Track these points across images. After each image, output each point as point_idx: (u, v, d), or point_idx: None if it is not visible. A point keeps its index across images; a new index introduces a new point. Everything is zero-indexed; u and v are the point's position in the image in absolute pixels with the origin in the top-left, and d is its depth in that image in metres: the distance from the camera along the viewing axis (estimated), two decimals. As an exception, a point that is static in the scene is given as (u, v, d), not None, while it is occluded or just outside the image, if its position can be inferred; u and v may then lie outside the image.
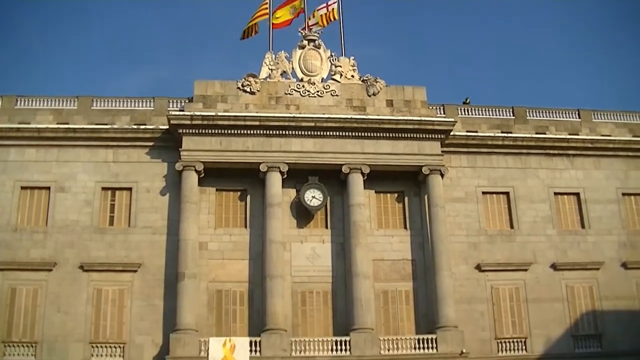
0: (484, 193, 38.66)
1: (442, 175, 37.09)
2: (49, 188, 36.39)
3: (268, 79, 38.20)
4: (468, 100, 41.76)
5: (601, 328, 36.90)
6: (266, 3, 40.26)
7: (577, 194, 39.50)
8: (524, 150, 39.48)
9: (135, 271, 35.06)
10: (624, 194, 39.97)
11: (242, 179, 36.74)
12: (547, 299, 36.97)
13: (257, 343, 33.08)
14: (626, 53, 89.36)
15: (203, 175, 36.03)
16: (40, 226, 35.77)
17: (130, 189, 36.63)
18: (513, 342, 36.09)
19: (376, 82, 38.41)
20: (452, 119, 38.02)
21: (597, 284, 37.63)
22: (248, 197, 36.89)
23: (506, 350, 35.93)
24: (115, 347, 34.01)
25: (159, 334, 34.18)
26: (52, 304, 34.25)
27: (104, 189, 36.62)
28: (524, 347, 36.11)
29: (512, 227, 38.34)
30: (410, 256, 36.76)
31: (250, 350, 32.81)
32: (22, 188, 36.31)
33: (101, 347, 33.93)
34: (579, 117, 41.29)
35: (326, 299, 35.61)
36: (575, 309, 37.09)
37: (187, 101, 37.63)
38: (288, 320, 34.60)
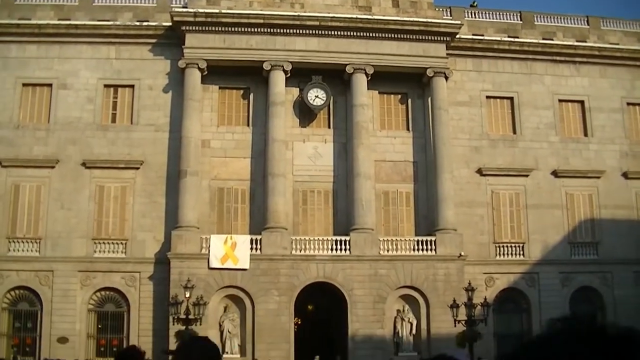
0: (487, 97, 38.23)
1: (447, 78, 36.57)
2: (50, 85, 36.04)
3: (273, -24, 37.34)
4: (475, 3, 40.89)
5: (598, 236, 37.19)
6: None
7: (582, 102, 39.10)
8: (530, 56, 38.82)
9: (138, 168, 35.09)
10: (628, 104, 39.53)
11: (245, 77, 36.28)
12: (546, 205, 37.09)
13: (258, 241, 33.40)
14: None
15: (206, 73, 35.55)
16: (43, 123, 35.64)
17: (132, 86, 36.24)
18: (511, 246, 36.49)
19: (382, -18, 37.54)
20: (459, 22, 37.28)
21: (597, 193, 37.73)
22: (251, 96, 36.53)
23: (504, 254, 36.36)
24: (117, 243, 34.39)
25: (160, 230, 34.44)
26: (55, 201, 34.45)
27: (106, 86, 36.25)
28: (521, 252, 36.47)
29: (514, 132, 38.11)
30: (412, 158, 36.65)
31: (251, 248, 33.17)
32: (24, 85, 35.99)
33: (104, 243, 34.30)
34: (588, 24, 40.44)
35: (327, 199, 35.76)
36: (574, 216, 37.28)
37: (190, -2, 36.88)
38: (289, 218, 34.78)
